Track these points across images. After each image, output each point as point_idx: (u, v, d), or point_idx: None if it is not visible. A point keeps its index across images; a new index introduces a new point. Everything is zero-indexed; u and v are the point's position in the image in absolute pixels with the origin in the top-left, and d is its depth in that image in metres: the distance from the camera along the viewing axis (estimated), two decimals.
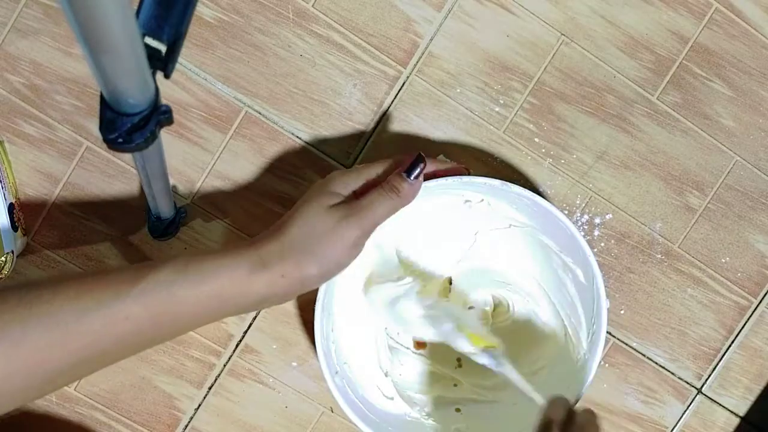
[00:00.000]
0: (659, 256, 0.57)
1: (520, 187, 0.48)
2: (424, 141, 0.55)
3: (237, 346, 0.55)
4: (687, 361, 0.58)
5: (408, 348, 0.56)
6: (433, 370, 0.56)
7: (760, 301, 0.59)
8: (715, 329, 0.58)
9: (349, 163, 0.55)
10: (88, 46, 0.25)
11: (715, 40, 0.56)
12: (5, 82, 0.52)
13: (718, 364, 0.59)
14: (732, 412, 0.60)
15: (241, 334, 0.55)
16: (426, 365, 0.56)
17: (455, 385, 0.55)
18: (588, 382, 0.49)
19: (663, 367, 0.58)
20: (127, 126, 0.30)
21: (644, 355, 0.58)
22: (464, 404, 0.54)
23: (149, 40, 0.29)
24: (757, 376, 0.59)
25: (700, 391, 0.59)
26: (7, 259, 0.48)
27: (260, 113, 0.54)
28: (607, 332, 0.56)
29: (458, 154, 0.55)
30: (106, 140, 0.30)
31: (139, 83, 0.28)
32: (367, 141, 0.55)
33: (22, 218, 0.52)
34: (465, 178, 0.47)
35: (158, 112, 0.31)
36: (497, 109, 0.55)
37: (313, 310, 0.47)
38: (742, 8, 0.56)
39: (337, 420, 0.56)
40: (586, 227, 0.57)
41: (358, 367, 0.52)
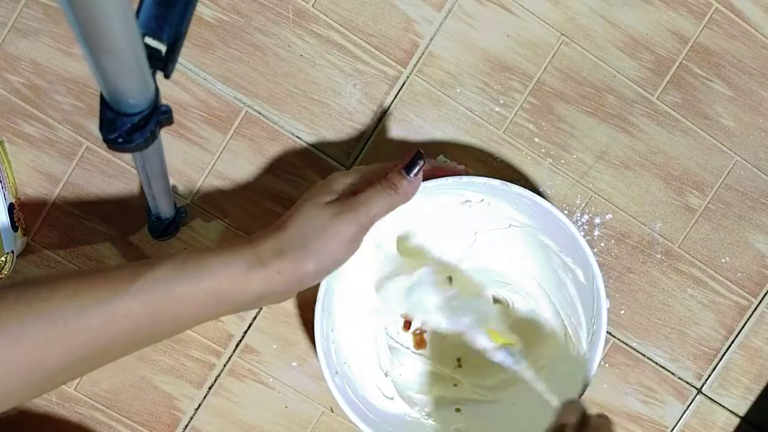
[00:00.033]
0: (659, 256, 0.57)
1: (520, 187, 0.48)
2: (424, 141, 0.55)
3: (237, 346, 0.55)
4: (687, 361, 0.58)
5: (408, 348, 0.56)
6: (433, 370, 0.56)
7: (760, 301, 0.59)
8: (715, 329, 0.58)
9: (349, 163, 0.55)
10: (88, 46, 0.25)
11: (715, 40, 0.56)
12: (5, 82, 0.52)
13: (718, 364, 0.59)
14: (732, 412, 0.60)
15: (241, 334, 0.55)
16: (426, 365, 0.56)
17: (455, 385, 0.55)
18: (588, 382, 0.49)
19: (663, 367, 0.58)
20: (127, 126, 0.30)
21: (644, 355, 0.58)
22: (464, 404, 0.54)
23: (149, 40, 0.29)
24: (757, 376, 0.59)
25: (700, 391, 0.59)
26: (7, 259, 0.48)
27: (260, 113, 0.54)
28: (607, 332, 0.56)
29: (458, 154, 0.55)
30: (106, 140, 0.30)
31: (139, 83, 0.28)
32: (367, 141, 0.55)
33: (22, 218, 0.52)
34: (465, 178, 0.47)
35: (158, 112, 0.31)
36: (497, 109, 0.55)
37: (313, 310, 0.47)
38: (742, 8, 0.56)
39: (337, 420, 0.56)
40: (586, 227, 0.57)
41: (358, 367, 0.52)
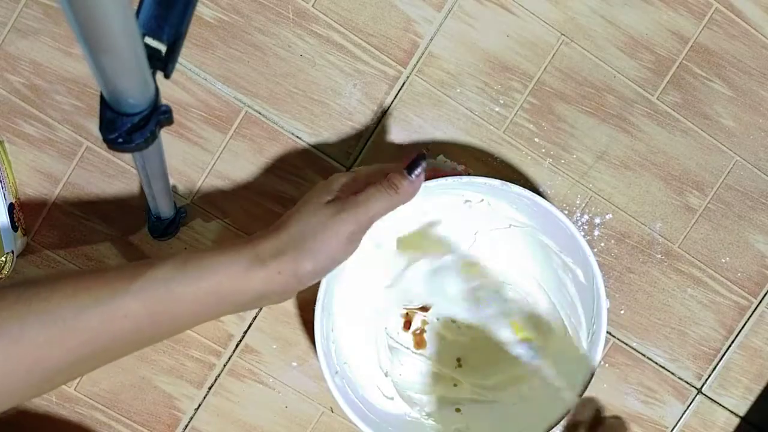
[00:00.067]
0: (659, 256, 0.57)
1: (520, 187, 0.48)
2: (424, 141, 0.55)
3: (237, 346, 0.55)
4: (687, 361, 0.58)
5: (408, 348, 0.56)
6: (433, 370, 0.56)
7: (760, 301, 0.59)
8: (715, 329, 0.58)
9: (349, 163, 0.55)
10: (88, 46, 0.25)
11: (715, 40, 0.56)
12: (5, 82, 0.52)
13: (718, 364, 0.59)
14: (732, 412, 0.60)
15: (241, 334, 0.55)
16: (426, 365, 0.56)
17: (455, 385, 0.55)
18: (588, 382, 0.49)
19: (663, 367, 0.58)
20: (127, 126, 0.30)
21: (644, 355, 0.58)
22: (464, 404, 0.54)
23: (149, 40, 0.29)
24: (757, 376, 0.59)
25: (700, 391, 0.59)
26: (7, 259, 0.48)
27: (260, 113, 0.54)
28: (607, 332, 0.56)
29: (458, 154, 0.55)
30: (106, 140, 0.30)
31: (139, 83, 0.28)
32: (367, 141, 0.55)
33: (22, 218, 0.52)
34: (465, 178, 0.47)
35: (158, 112, 0.31)
36: (497, 109, 0.55)
37: (313, 310, 0.47)
38: (742, 8, 0.56)
39: (337, 420, 0.56)
40: (586, 227, 0.57)
41: (358, 367, 0.52)
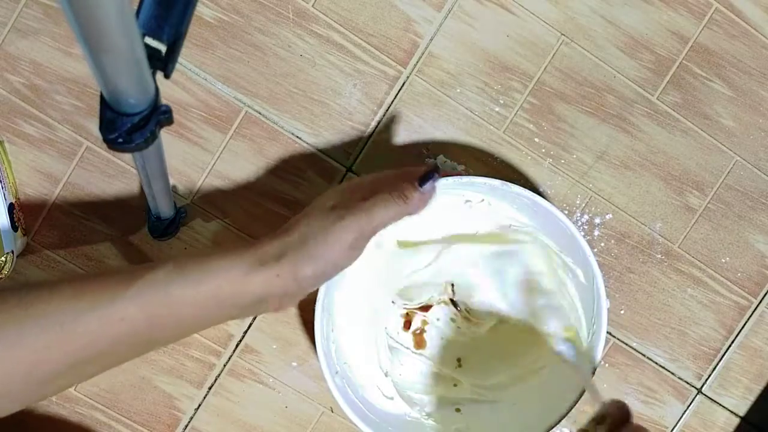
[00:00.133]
0: (659, 256, 0.57)
1: (520, 187, 0.48)
2: (424, 141, 0.55)
3: (237, 346, 0.55)
4: (687, 361, 0.58)
5: (408, 348, 0.56)
6: (433, 370, 0.56)
7: (760, 301, 0.59)
8: (715, 329, 0.58)
9: (349, 163, 0.55)
10: (88, 46, 0.25)
11: (715, 40, 0.56)
12: (5, 82, 0.52)
13: (718, 364, 0.59)
14: (732, 412, 0.60)
15: (241, 334, 0.55)
16: (426, 365, 0.56)
17: (455, 385, 0.55)
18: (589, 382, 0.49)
19: (663, 367, 0.58)
20: (127, 126, 0.30)
21: (644, 355, 0.58)
22: (464, 404, 0.54)
23: (149, 40, 0.29)
24: (757, 376, 0.59)
25: (700, 391, 0.59)
26: (7, 259, 0.48)
27: (260, 113, 0.54)
28: (607, 332, 0.56)
29: (458, 154, 0.55)
30: (106, 140, 0.30)
31: (139, 83, 0.28)
32: (367, 141, 0.55)
33: (22, 218, 0.52)
34: (465, 178, 0.47)
35: (158, 112, 0.31)
36: (497, 109, 0.55)
37: (313, 310, 0.47)
38: (742, 8, 0.56)
39: (337, 420, 0.56)
40: (586, 227, 0.57)
41: (358, 367, 0.52)
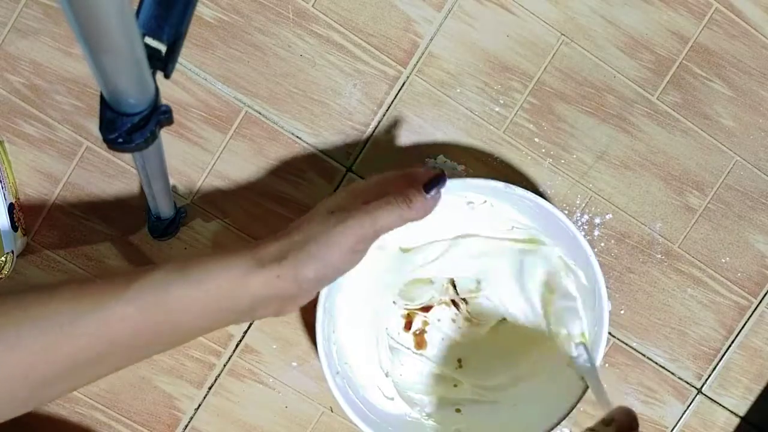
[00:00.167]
0: (659, 256, 0.57)
1: (524, 190, 0.48)
2: (424, 141, 0.55)
3: (237, 346, 0.55)
4: (687, 361, 0.58)
5: (408, 348, 0.56)
6: (434, 370, 0.55)
7: (760, 301, 0.59)
8: (715, 329, 0.58)
9: (349, 163, 0.55)
10: (88, 46, 0.25)
11: (715, 40, 0.56)
12: (5, 82, 0.52)
13: (718, 364, 0.59)
14: (732, 412, 0.60)
15: (241, 334, 0.55)
16: (427, 366, 0.55)
17: (455, 386, 0.55)
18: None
19: (663, 367, 0.58)
20: (127, 126, 0.30)
21: (644, 355, 0.58)
22: (464, 405, 0.54)
23: (149, 40, 0.29)
24: (757, 376, 0.59)
25: (700, 391, 0.59)
26: (7, 259, 0.48)
27: (260, 113, 0.54)
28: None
29: (458, 154, 0.55)
30: (106, 140, 0.30)
31: (139, 83, 0.28)
32: (367, 141, 0.55)
33: (22, 218, 0.52)
34: (468, 180, 0.47)
35: (158, 112, 0.31)
36: (497, 109, 0.55)
37: (314, 311, 0.47)
38: (742, 8, 0.56)
39: (337, 420, 0.56)
40: (586, 227, 0.57)
41: (359, 368, 0.52)
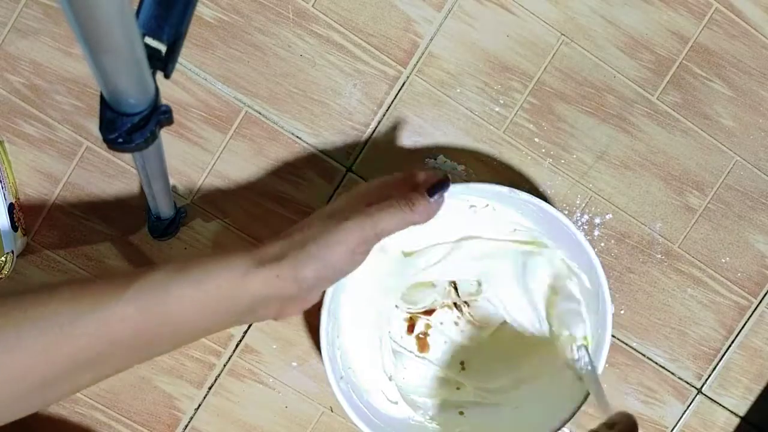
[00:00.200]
0: (659, 256, 0.57)
1: (528, 194, 0.48)
2: (424, 141, 0.55)
3: (237, 346, 0.55)
4: (687, 361, 0.58)
5: (411, 351, 0.56)
6: (437, 373, 0.55)
7: (760, 301, 0.59)
8: (715, 329, 0.58)
9: (349, 163, 0.55)
10: (88, 46, 0.25)
11: (715, 40, 0.56)
12: (5, 82, 0.52)
13: (718, 364, 0.59)
14: (732, 412, 0.60)
15: (241, 334, 0.55)
16: (429, 369, 0.55)
17: (458, 388, 0.55)
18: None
19: (663, 367, 0.58)
20: (127, 126, 0.30)
21: (644, 355, 0.58)
22: (467, 407, 0.54)
23: (149, 40, 0.29)
24: (757, 376, 0.59)
25: (700, 391, 0.59)
26: (7, 259, 0.48)
27: (260, 113, 0.54)
28: None
29: (458, 154, 0.55)
30: (106, 140, 0.30)
31: (139, 83, 0.28)
32: (367, 141, 0.55)
33: (22, 218, 0.52)
34: (471, 185, 0.48)
35: (158, 112, 0.31)
36: (497, 109, 0.55)
37: (317, 314, 0.47)
38: (742, 8, 0.56)
39: (337, 420, 0.56)
40: (586, 227, 0.57)
41: (363, 372, 0.52)
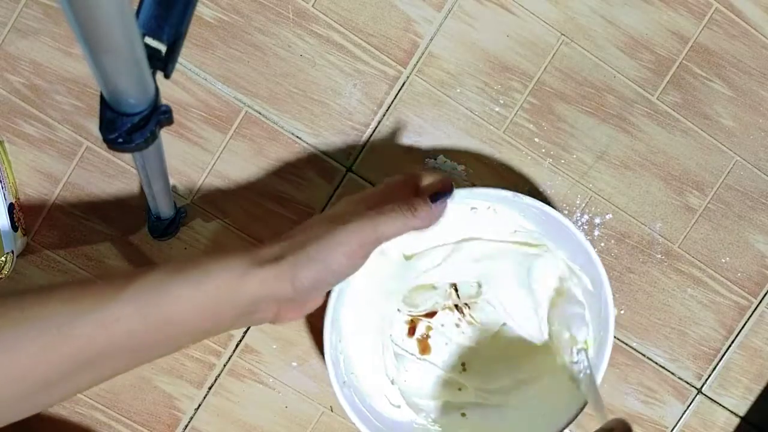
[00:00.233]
0: (659, 256, 0.57)
1: (531, 198, 0.48)
2: (424, 141, 0.55)
3: (237, 346, 0.55)
4: (687, 361, 0.58)
5: (413, 354, 0.55)
6: (439, 375, 0.55)
7: (760, 301, 0.59)
8: (715, 329, 0.58)
9: (349, 163, 0.55)
10: (88, 46, 0.25)
11: (715, 40, 0.56)
12: (5, 82, 0.52)
13: (718, 364, 0.59)
14: (732, 412, 0.60)
15: (241, 334, 0.55)
16: (431, 370, 0.55)
17: (460, 390, 0.55)
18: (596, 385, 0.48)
19: (663, 367, 0.58)
20: (127, 126, 0.30)
21: (644, 355, 0.58)
22: (469, 409, 0.54)
23: (149, 40, 0.29)
24: (757, 376, 0.59)
25: (700, 391, 0.59)
26: (7, 259, 0.48)
27: (260, 113, 0.54)
28: None
29: (458, 155, 0.55)
30: (106, 140, 0.30)
31: (139, 83, 0.28)
32: (367, 141, 0.55)
33: (22, 218, 0.52)
34: (474, 189, 0.48)
35: (158, 112, 0.31)
36: (497, 109, 0.55)
37: (321, 317, 0.47)
38: (742, 8, 0.56)
39: (337, 420, 0.56)
40: (586, 227, 0.57)
41: (365, 377, 0.52)
